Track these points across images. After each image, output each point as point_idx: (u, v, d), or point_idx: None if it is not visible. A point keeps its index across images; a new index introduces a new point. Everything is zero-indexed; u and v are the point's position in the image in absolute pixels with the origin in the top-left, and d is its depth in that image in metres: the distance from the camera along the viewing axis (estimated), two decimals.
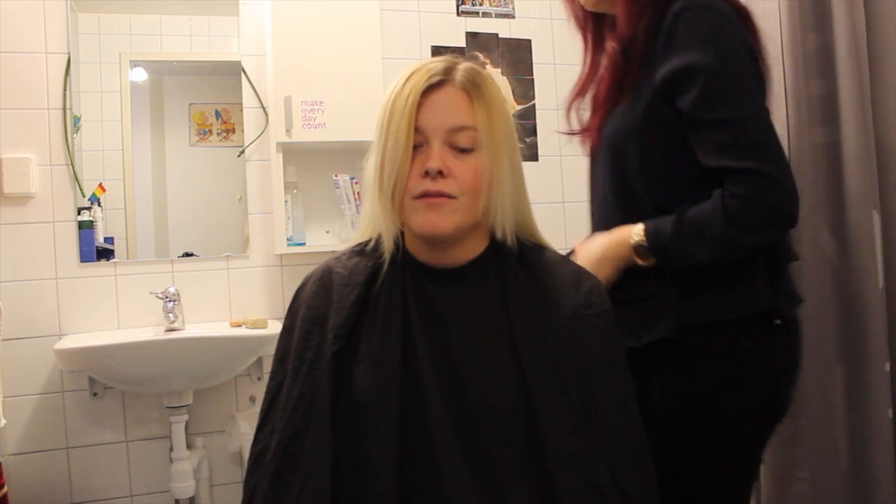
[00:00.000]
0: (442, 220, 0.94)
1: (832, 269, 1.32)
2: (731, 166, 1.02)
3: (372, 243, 1.04)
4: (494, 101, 0.97)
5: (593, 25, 1.29)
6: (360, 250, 1.06)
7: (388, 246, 1.01)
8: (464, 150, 0.95)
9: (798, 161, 1.31)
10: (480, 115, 0.95)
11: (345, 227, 2.23)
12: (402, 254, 1.02)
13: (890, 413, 1.29)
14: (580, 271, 1.03)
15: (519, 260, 1.01)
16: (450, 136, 0.95)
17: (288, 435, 0.96)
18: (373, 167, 0.99)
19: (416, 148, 0.95)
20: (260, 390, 1.44)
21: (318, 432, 0.93)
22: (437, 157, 0.93)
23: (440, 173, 0.93)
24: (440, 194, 0.93)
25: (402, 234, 1.04)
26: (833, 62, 1.31)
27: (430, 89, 0.95)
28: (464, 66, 0.98)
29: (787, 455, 1.29)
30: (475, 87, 0.96)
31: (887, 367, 1.29)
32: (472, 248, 1.01)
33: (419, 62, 0.99)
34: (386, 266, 1.01)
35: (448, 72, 0.96)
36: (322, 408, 0.94)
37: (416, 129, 0.95)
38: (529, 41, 2.59)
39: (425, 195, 0.94)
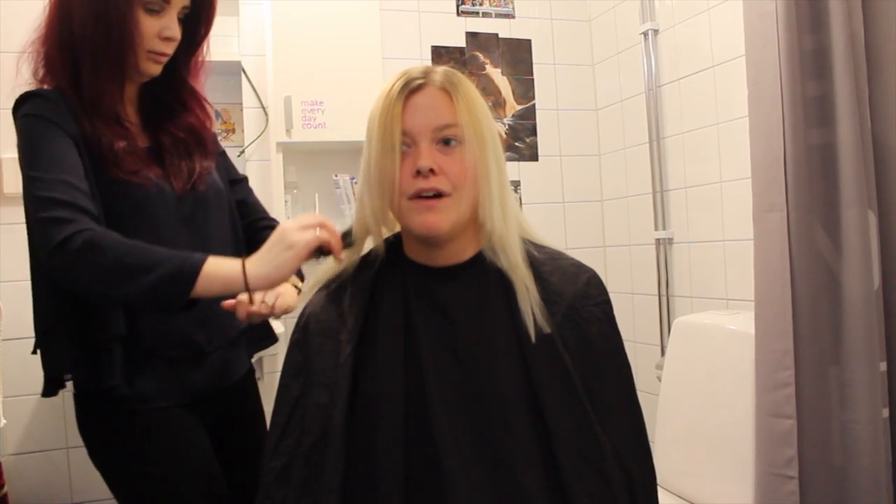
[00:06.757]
0: (439, 219, 0.98)
1: (827, 269, 1.32)
2: None
3: (373, 252, 1.08)
4: (473, 98, 1.01)
5: None
6: (363, 259, 1.10)
7: (380, 250, 1.06)
8: (449, 146, 0.99)
9: (793, 162, 1.32)
10: (461, 111, 0.99)
11: (345, 227, 2.22)
12: (401, 257, 1.07)
13: (885, 413, 1.30)
14: (578, 264, 1.07)
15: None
16: (436, 135, 0.99)
17: (308, 445, 0.99)
18: (362, 176, 1.03)
19: (403, 150, 0.99)
20: (260, 390, 1.45)
21: (334, 440, 0.96)
22: (426, 156, 0.97)
23: (431, 171, 0.97)
24: (435, 192, 0.97)
25: (401, 238, 1.08)
26: (830, 63, 1.32)
27: (411, 93, 0.99)
28: (440, 68, 1.02)
29: (779, 454, 1.30)
30: (453, 86, 1.00)
31: (882, 367, 1.30)
32: (469, 246, 1.04)
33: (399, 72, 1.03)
34: (380, 270, 1.06)
35: (426, 74, 1.01)
36: (337, 416, 0.97)
37: (403, 133, 0.98)
38: (529, 41, 2.60)
39: (419, 195, 0.98)
